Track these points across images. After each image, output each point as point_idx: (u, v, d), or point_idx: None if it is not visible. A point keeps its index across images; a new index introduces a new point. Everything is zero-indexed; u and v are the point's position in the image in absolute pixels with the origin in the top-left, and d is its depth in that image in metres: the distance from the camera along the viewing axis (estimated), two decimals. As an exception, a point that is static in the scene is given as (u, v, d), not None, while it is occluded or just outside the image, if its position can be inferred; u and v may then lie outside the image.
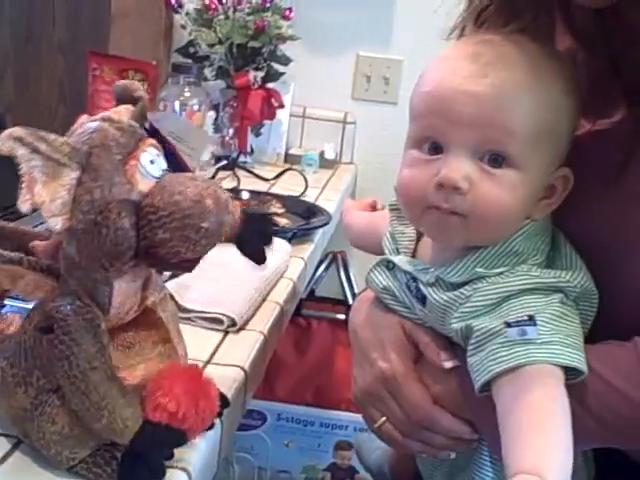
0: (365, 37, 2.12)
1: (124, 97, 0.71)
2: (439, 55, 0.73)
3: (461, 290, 0.70)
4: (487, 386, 0.67)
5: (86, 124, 0.66)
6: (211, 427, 0.75)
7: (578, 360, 0.65)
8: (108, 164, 0.64)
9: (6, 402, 0.68)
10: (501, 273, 0.69)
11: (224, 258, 1.03)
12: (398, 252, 0.78)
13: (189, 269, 0.71)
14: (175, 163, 0.71)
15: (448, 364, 0.73)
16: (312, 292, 2.12)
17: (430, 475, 0.84)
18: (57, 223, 0.63)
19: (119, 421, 0.64)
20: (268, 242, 0.72)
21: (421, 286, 0.73)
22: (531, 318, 0.65)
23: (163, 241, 0.63)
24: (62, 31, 2.38)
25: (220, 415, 0.77)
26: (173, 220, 0.63)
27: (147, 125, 0.70)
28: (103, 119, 0.66)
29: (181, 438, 0.66)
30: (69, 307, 0.65)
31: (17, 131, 0.60)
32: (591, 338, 0.70)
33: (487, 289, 0.68)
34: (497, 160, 0.67)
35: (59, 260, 0.69)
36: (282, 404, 2.00)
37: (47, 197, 0.62)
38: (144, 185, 0.65)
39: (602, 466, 0.79)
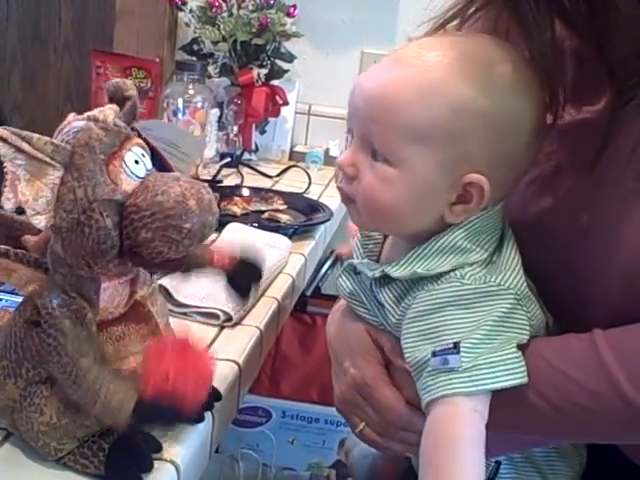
0: (370, 34, 2.11)
1: (117, 96, 0.72)
2: None
3: (405, 301, 0.70)
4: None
5: (72, 123, 0.66)
6: (201, 420, 0.75)
7: (505, 378, 0.65)
8: (91, 164, 0.64)
9: (-4, 394, 0.69)
10: (440, 275, 0.68)
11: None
12: (364, 256, 0.77)
13: (175, 268, 0.71)
14: (161, 167, 0.71)
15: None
16: (318, 289, 2.11)
17: None
18: (40, 221, 0.63)
19: (114, 404, 0.64)
20: (257, 280, 0.79)
21: (374, 288, 0.73)
22: (456, 345, 0.65)
23: (146, 241, 0.63)
24: (68, 30, 2.39)
25: (211, 408, 0.77)
26: (155, 220, 0.63)
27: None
28: (89, 118, 0.66)
29: (172, 413, 0.65)
30: (55, 302, 0.65)
31: (0, 131, 0.60)
32: (560, 326, 0.71)
33: (423, 297, 0.68)
34: (375, 154, 0.68)
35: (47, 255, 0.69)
36: (287, 401, 1.99)
37: (30, 196, 0.62)
38: (128, 185, 0.65)
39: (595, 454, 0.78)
